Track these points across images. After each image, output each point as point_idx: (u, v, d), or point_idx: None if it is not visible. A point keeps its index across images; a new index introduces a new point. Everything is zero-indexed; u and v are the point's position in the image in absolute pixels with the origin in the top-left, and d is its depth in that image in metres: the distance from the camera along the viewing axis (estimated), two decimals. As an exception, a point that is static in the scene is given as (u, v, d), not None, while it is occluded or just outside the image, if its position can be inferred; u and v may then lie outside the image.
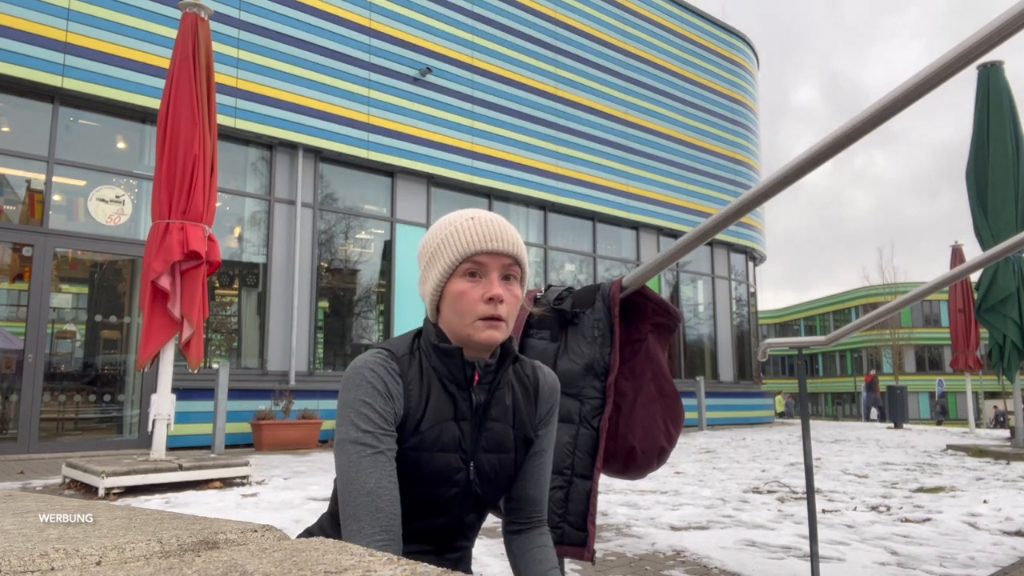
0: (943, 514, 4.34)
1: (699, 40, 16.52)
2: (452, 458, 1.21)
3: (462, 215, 1.23)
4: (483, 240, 1.19)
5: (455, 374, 1.22)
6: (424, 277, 1.25)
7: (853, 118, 1.55)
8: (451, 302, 1.20)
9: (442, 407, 1.21)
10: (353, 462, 1.11)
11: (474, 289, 1.19)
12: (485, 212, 1.24)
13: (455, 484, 1.22)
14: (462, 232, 1.20)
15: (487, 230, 1.20)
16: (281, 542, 0.74)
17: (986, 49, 1.36)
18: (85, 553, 0.65)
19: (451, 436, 1.21)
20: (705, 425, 14.06)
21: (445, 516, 1.24)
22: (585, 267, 13.90)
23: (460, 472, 1.22)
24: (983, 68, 8.58)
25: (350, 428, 1.14)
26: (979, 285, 8.68)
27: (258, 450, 8.59)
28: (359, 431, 1.13)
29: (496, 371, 1.25)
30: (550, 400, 1.36)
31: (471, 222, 1.21)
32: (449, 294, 1.20)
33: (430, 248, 1.23)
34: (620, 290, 1.99)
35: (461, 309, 1.19)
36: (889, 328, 43.48)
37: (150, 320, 5.16)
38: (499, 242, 1.19)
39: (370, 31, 10.81)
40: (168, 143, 5.34)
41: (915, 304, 18.47)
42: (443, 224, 1.24)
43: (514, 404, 1.30)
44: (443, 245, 1.20)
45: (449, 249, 1.19)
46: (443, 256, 1.20)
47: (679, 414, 2.07)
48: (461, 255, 1.18)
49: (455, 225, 1.21)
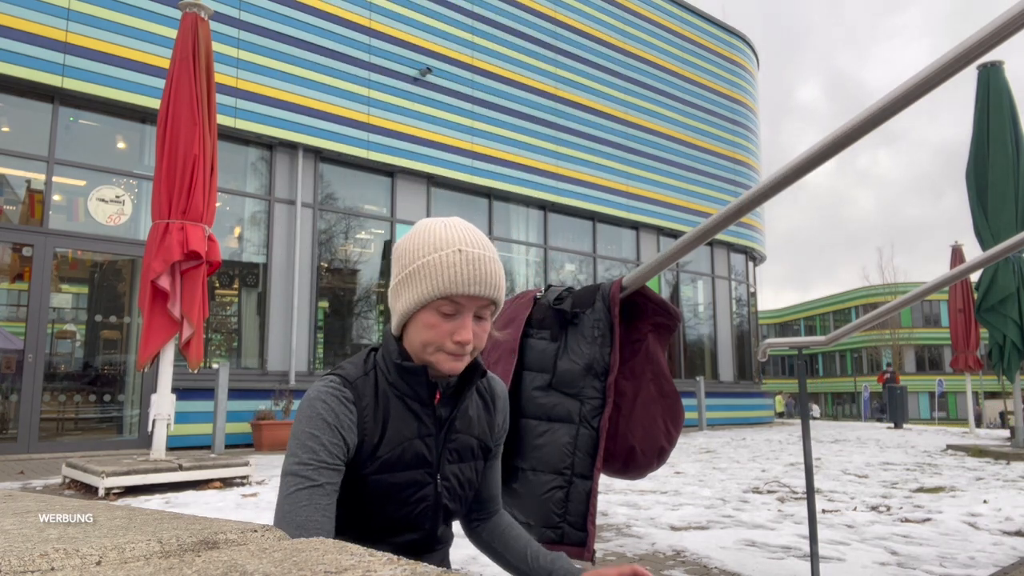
0: (943, 514, 4.34)
1: (699, 40, 16.52)
2: (417, 475, 1.20)
3: (448, 240, 1.15)
4: (467, 284, 1.13)
5: (418, 392, 1.20)
6: (397, 289, 1.19)
7: (852, 118, 1.55)
8: (419, 329, 1.16)
9: (403, 426, 1.19)
10: (289, 494, 1.10)
11: (445, 324, 1.15)
12: (473, 237, 1.17)
13: (423, 500, 1.21)
14: (446, 268, 1.13)
15: (473, 272, 1.13)
16: (281, 542, 0.74)
17: (986, 49, 1.36)
18: (85, 553, 0.65)
19: (414, 453, 1.20)
20: (705, 425, 14.06)
21: (416, 532, 1.24)
22: (585, 267, 13.90)
23: (427, 487, 1.21)
24: (983, 68, 8.58)
25: (291, 459, 1.12)
26: (979, 285, 8.68)
27: (258, 450, 8.60)
28: (298, 463, 1.11)
29: (461, 387, 1.24)
30: (504, 410, 1.39)
31: (458, 256, 1.13)
32: (419, 320, 1.16)
33: (409, 262, 1.17)
34: (620, 290, 1.99)
35: (427, 339, 1.16)
36: (889, 328, 43.52)
37: (150, 320, 5.16)
38: (482, 286, 1.14)
39: (370, 31, 10.81)
40: (168, 143, 5.34)
41: (915, 304, 18.47)
42: (427, 242, 1.16)
43: (476, 415, 1.31)
44: (424, 272, 1.14)
45: (429, 280, 1.13)
46: (421, 284, 1.14)
47: (679, 414, 2.07)
48: (440, 293, 1.13)
49: (441, 256, 1.13)
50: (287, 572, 0.59)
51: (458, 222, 1.19)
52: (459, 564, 2.90)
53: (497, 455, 1.40)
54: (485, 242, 1.19)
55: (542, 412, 1.98)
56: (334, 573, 0.58)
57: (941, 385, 30.48)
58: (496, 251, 1.20)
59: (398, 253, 1.20)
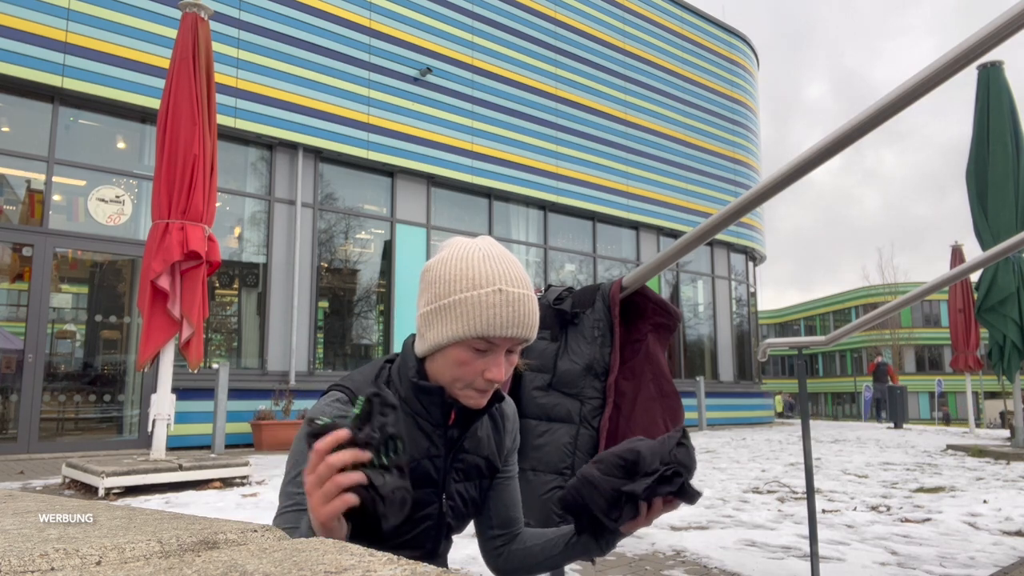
0: (943, 514, 4.34)
1: (699, 40, 16.52)
2: (422, 494, 1.18)
3: (488, 276, 1.10)
4: (505, 326, 1.08)
5: (432, 412, 1.17)
6: (428, 318, 1.13)
7: (852, 119, 1.55)
8: (449, 365, 1.13)
9: (412, 446, 1.16)
10: (279, 512, 1.09)
11: (477, 362, 1.11)
12: (512, 272, 1.12)
13: (427, 518, 1.20)
14: (485, 308, 1.08)
15: (512, 314, 1.09)
16: (281, 542, 0.74)
17: (986, 49, 1.36)
18: (85, 553, 0.65)
19: (421, 473, 1.17)
20: (705, 425, 14.06)
21: (418, 550, 1.22)
22: (585, 267, 13.90)
23: (432, 506, 1.20)
24: (983, 68, 8.58)
25: (285, 478, 1.11)
26: (979, 285, 8.68)
27: (258, 450, 8.60)
28: (292, 482, 1.09)
29: (475, 411, 1.20)
30: (514, 431, 1.36)
31: (498, 297, 1.08)
32: (449, 355, 1.12)
33: (444, 294, 1.11)
34: (620, 290, 1.99)
35: (458, 375, 1.13)
36: (889, 328, 43.53)
37: (150, 320, 5.16)
38: (519, 328, 1.10)
39: (370, 31, 10.81)
40: (168, 143, 5.34)
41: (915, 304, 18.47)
42: (465, 276, 1.10)
43: (485, 434, 1.28)
44: (460, 309, 1.09)
45: (465, 320, 1.09)
46: (456, 321, 1.09)
47: (679, 414, 2.07)
48: (477, 334, 1.08)
49: (480, 295, 1.09)
50: (287, 572, 0.59)
51: (495, 251, 1.14)
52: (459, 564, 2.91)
53: (511, 475, 1.35)
54: (523, 276, 1.14)
55: (542, 412, 1.98)
56: (334, 573, 0.58)
57: (940, 385, 30.49)
58: (532, 284, 1.16)
59: (431, 278, 1.14)
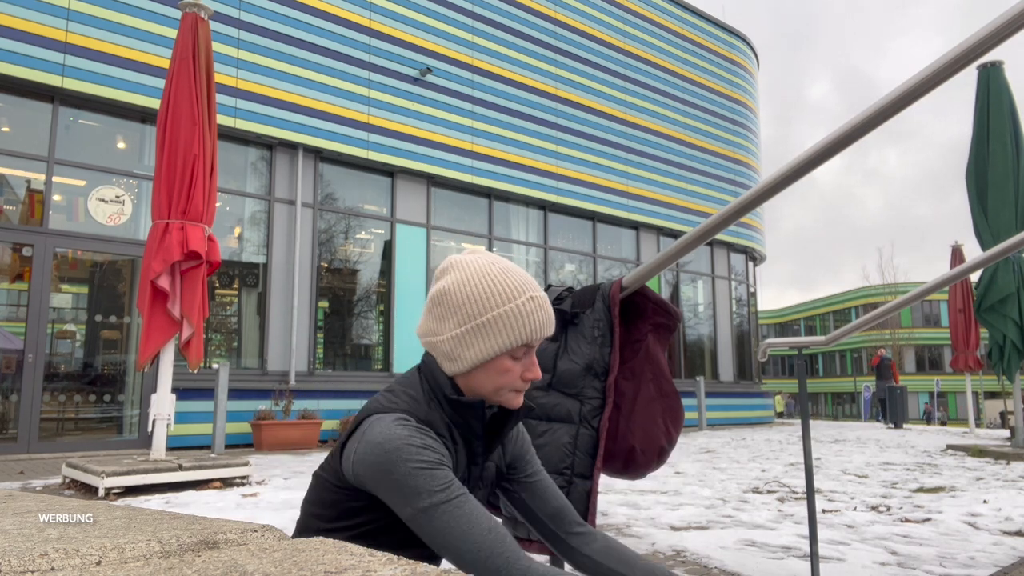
0: (943, 514, 4.34)
1: (699, 40, 16.53)
2: None
3: (517, 287, 1.19)
4: (545, 328, 1.20)
5: (473, 425, 1.23)
6: (465, 339, 1.18)
7: (851, 119, 1.55)
8: (492, 375, 1.20)
9: (461, 457, 1.24)
10: (455, 517, 1.07)
11: (517, 366, 1.20)
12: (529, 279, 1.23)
13: None
14: (526, 316, 1.18)
15: (547, 316, 1.20)
16: (281, 542, 0.74)
17: (986, 49, 1.36)
18: (85, 553, 0.65)
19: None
20: (705, 425, 14.06)
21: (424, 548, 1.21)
22: (585, 267, 13.90)
23: None
24: (983, 68, 8.58)
25: (425, 496, 1.08)
26: (979, 285, 8.68)
27: (258, 450, 8.60)
28: (439, 491, 1.08)
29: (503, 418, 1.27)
30: (523, 437, 1.42)
31: (532, 304, 1.19)
32: (491, 368, 1.19)
33: (479, 312, 1.18)
34: (620, 290, 1.99)
35: (503, 383, 1.20)
36: (889, 328, 43.54)
37: (150, 320, 5.15)
38: (551, 326, 1.21)
39: (370, 31, 10.81)
40: (168, 143, 5.34)
41: (915, 304, 18.47)
42: (497, 292, 1.18)
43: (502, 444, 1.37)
44: (503, 322, 1.17)
45: (511, 331, 1.17)
46: (501, 334, 1.17)
47: (679, 414, 2.07)
48: (524, 341, 1.18)
49: (518, 306, 1.18)
50: (287, 572, 0.59)
51: (503, 263, 1.23)
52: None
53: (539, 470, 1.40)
54: (533, 279, 1.25)
55: (542, 412, 1.98)
56: (334, 573, 0.58)
57: (938, 385, 30.50)
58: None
59: (454, 302, 1.19)
